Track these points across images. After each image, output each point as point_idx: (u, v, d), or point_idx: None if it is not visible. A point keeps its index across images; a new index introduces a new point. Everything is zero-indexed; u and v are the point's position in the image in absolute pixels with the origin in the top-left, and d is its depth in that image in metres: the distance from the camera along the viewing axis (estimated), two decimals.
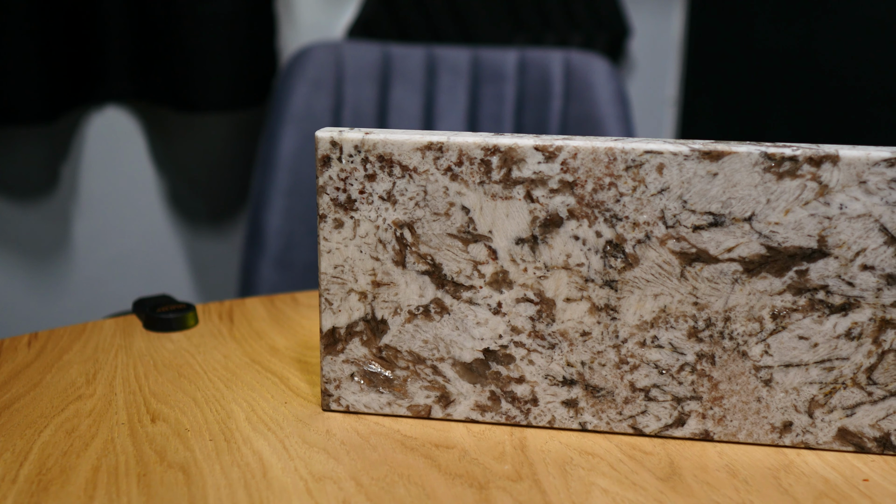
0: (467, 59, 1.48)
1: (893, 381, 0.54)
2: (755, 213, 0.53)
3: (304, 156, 1.39)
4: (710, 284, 0.54)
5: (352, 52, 1.44)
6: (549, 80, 1.45)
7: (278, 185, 1.38)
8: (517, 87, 1.47)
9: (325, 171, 0.56)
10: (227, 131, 1.55)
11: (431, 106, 1.46)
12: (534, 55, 1.47)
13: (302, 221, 1.39)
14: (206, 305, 0.79)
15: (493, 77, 1.47)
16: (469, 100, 1.47)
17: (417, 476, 0.52)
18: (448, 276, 0.56)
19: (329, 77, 1.42)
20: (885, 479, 0.52)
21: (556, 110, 1.44)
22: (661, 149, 0.53)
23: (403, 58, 1.46)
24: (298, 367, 0.67)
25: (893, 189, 0.52)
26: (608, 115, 1.42)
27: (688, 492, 0.51)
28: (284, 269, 1.37)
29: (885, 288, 0.53)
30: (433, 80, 1.47)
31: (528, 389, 0.57)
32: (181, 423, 0.58)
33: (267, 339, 0.72)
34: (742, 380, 0.55)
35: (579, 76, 1.44)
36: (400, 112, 1.45)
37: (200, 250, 1.57)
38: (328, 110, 1.41)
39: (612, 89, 1.43)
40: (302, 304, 0.80)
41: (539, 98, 1.45)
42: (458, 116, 1.46)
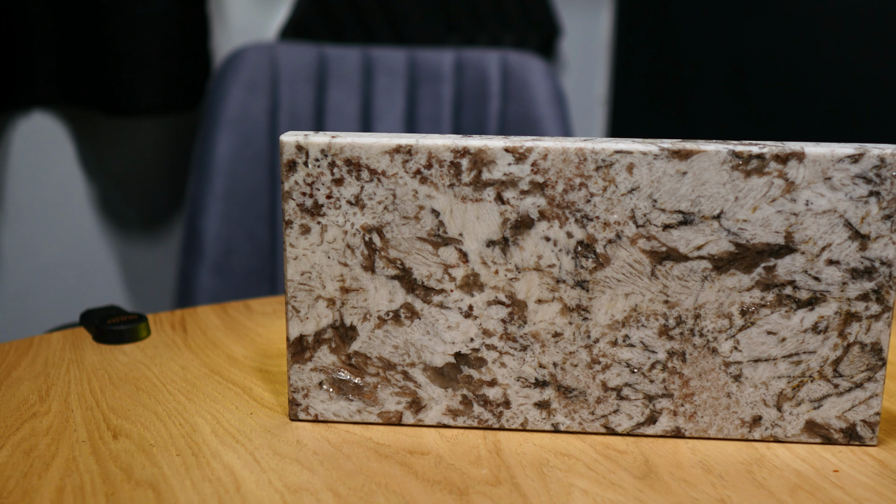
0: (404, 59, 1.47)
1: (859, 373, 0.55)
2: (724, 211, 0.53)
3: (240, 159, 1.36)
4: (680, 282, 0.55)
5: (286, 53, 1.42)
6: (487, 80, 1.45)
7: (215, 190, 1.35)
8: (455, 87, 1.47)
9: (290, 176, 0.55)
10: (159, 136, 1.51)
11: (369, 107, 1.45)
12: (470, 55, 1.47)
13: (240, 226, 1.36)
14: (156, 315, 0.77)
15: (431, 78, 1.46)
16: (407, 101, 1.46)
17: (395, 484, 0.51)
18: (418, 280, 0.56)
19: (264, 79, 1.40)
20: (854, 470, 0.53)
21: (495, 110, 1.44)
22: (630, 148, 0.53)
23: (339, 59, 1.45)
24: (260, 377, 0.65)
25: (857, 185, 0.53)
26: (546, 115, 1.43)
27: (666, 489, 0.51)
28: (224, 275, 1.35)
29: (850, 282, 0.54)
30: (370, 81, 1.45)
31: (501, 392, 0.57)
32: (145, 438, 0.56)
33: (224, 349, 0.70)
34: (712, 376, 0.56)
35: (516, 76, 1.44)
36: (337, 114, 1.44)
37: (133, 259, 1.53)
38: (264, 113, 1.39)
39: (550, 89, 1.44)
40: (256, 312, 0.78)
41: (477, 98, 1.45)
42: (396, 117, 1.45)
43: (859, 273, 0.54)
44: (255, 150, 1.38)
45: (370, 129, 1.44)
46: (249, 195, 1.37)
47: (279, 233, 1.40)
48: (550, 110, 1.43)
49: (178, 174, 1.55)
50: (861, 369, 0.55)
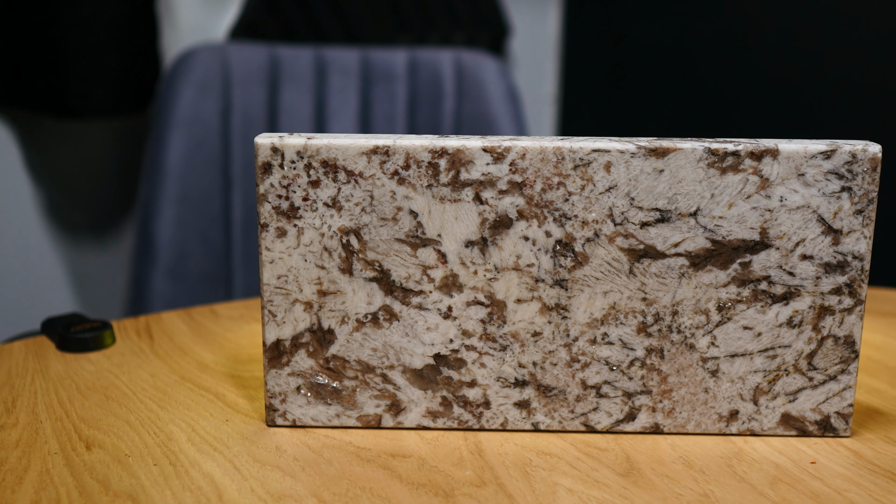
0: (357, 59, 1.46)
1: (832, 366, 0.56)
2: (700, 208, 0.54)
3: (193, 162, 1.34)
4: (657, 280, 0.55)
5: (238, 54, 1.40)
6: (441, 79, 1.45)
7: (167, 193, 1.33)
8: (408, 87, 1.46)
9: (265, 179, 0.54)
10: (109, 138, 1.48)
11: (323, 108, 1.44)
12: (423, 55, 1.46)
13: (194, 230, 1.34)
14: (120, 322, 0.75)
15: (384, 77, 1.46)
16: (360, 101, 1.45)
17: (380, 488, 0.51)
18: (397, 281, 0.55)
19: (215, 80, 1.38)
20: (830, 461, 0.54)
21: (449, 109, 1.44)
22: (608, 147, 0.53)
23: (291, 59, 1.44)
24: (233, 383, 0.64)
25: (829, 180, 0.53)
26: (501, 114, 1.43)
27: (650, 486, 0.51)
28: (178, 280, 1.32)
29: (823, 276, 0.55)
30: (323, 81, 1.44)
31: (480, 393, 0.57)
32: (119, 448, 0.54)
33: (193, 355, 0.69)
34: (690, 372, 0.56)
35: (470, 75, 1.45)
36: (291, 115, 1.42)
37: (83, 264, 1.50)
38: (216, 114, 1.37)
39: (504, 88, 1.44)
40: (223, 317, 0.77)
41: (431, 98, 1.45)
42: (350, 118, 1.44)
43: (832, 267, 0.55)
44: (208, 152, 1.36)
45: (324, 129, 1.43)
46: (203, 198, 1.36)
47: (234, 236, 1.38)
48: (505, 109, 1.43)
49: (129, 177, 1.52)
50: (835, 362, 0.56)
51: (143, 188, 1.33)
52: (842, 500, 0.50)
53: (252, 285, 1.39)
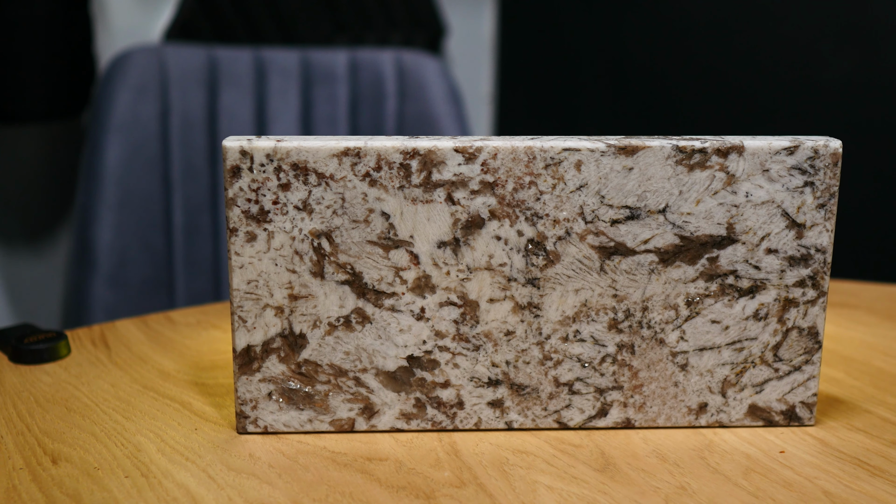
0: (296, 60, 1.45)
1: (797, 357, 0.57)
2: (669, 205, 0.55)
3: (131, 166, 1.32)
4: (628, 276, 0.56)
5: (175, 55, 1.38)
6: (382, 80, 1.44)
7: (106, 199, 1.30)
8: (350, 87, 1.45)
9: (234, 183, 0.53)
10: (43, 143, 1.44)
11: (263, 110, 1.42)
12: (364, 55, 1.46)
13: (134, 236, 1.32)
14: (73, 332, 0.73)
15: (325, 78, 1.45)
16: (302, 102, 1.44)
17: (360, 493, 0.50)
18: (369, 284, 0.55)
19: (153, 82, 1.35)
20: (798, 450, 0.55)
21: (392, 110, 1.44)
22: (578, 146, 0.54)
23: (230, 61, 1.42)
24: (197, 391, 0.63)
25: (793, 176, 0.55)
26: (444, 114, 1.43)
27: (627, 480, 0.52)
28: (119, 287, 1.30)
29: (788, 269, 0.56)
30: (263, 83, 1.43)
31: (454, 393, 0.57)
32: (87, 462, 0.53)
33: (153, 364, 0.67)
34: (660, 366, 0.57)
35: (412, 76, 1.44)
36: (231, 117, 1.40)
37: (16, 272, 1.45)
38: (154, 117, 1.34)
39: (446, 88, 1.44)
40: (180, 324, 0.76)
41: (373, 98, 1.44)
42: (292, 119, 1.43)
43: (796, 260, 0.56)
44: (147, 156, 1.34)
45: (265, 131, 1.42)
46: (142, 203, 1.33)
47: (175, 241, 1.36)
48: (447, 109, 1.44)
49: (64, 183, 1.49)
50: (799, 353, 0.57)
51: (80, 194, 1.30)
52: (813, 487, 0.51)
53: (195, 291, 1.37)
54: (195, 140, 1.38)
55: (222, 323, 0.76)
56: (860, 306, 0.82)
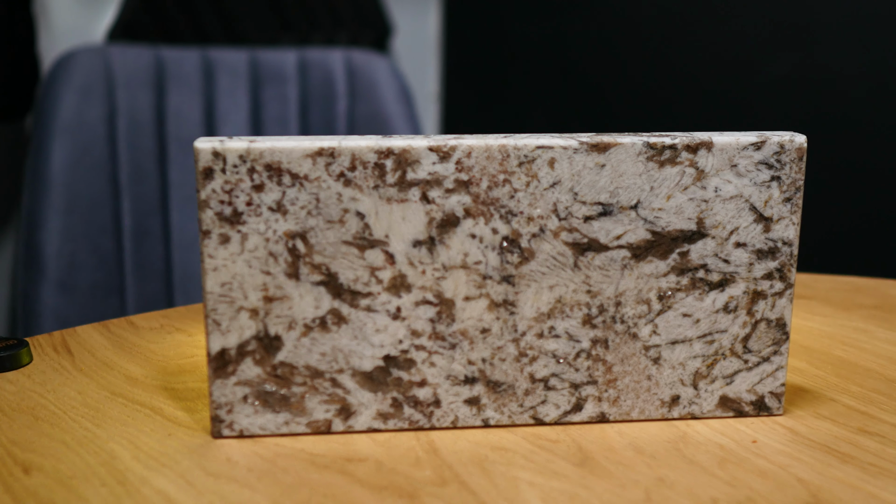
0: (245, 61, 1.43)
1: (766, 348, 0.58)
2: (640, 201, 0.55)
3: (78, 169, 1.29)
4: (601, 272, 0.56)
5: (121, 56, 1.35)
6: (333, 79, 1.44)
7: (53, 203, 1.27)
8: (300, 87, 1.44)
9: (207, 185, 0.53)
10: None
11: (212, 110, 1.41)
12: (314, 55, 1.45)
13: (83, 240, 1.29)
14: (33, 339, 0.72)
15: (274, 79, 1.44)
16: (251, 103, 1.43)
17: (342, 494, 0.50)
18: (344, 284, 0.55)
19: (99, 84, 1.33)
20: (770, 439, 0.57)
21: (343, 110, 1.43)
22: (551, 143, 0.54)
23: (177, 61, 1.40)
24: (168, 395, 0.62)
25: (760, 170, 0.56)
26: (395, 114, 1.43)
27: (606, 474, 0.52)
28: (68, 292, 1.27)
29: (756, 262, 0.57)
30: (211, 83, 1.41)
31: (431, 392, 0.57)
32: (60, 471, 0.52)
33: (119, 370, 0.66)
34: (633, 360, 0.58)
35: (362, 75, 1.44)
36: (179, 118, 1.38)
37: None
38: (101, 119, 1.32)
39: (397, 87, 1.44)
40: (142, 328, 0.74)
41: (324, 98, 1.44)
42: (242, 120, 1.42)
43: (764, 253, 0.57)
44: (94, 158, 1.31)
45: (215, 132, 1.40)
46: (91, 207, 1.30)
47: (125, 245, 1.33)
48: (399, 108, 1.43)
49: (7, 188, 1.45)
50: (767, 344, 0.58)
51: (26, 199, 1.27)
52: (787, 475, 0.52)
53: (146, 295, 1.35)
54: (143, 142, 1.36)
55: (186, 326, 0.75)
56: (815, 297, 0.84)
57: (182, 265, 1.38)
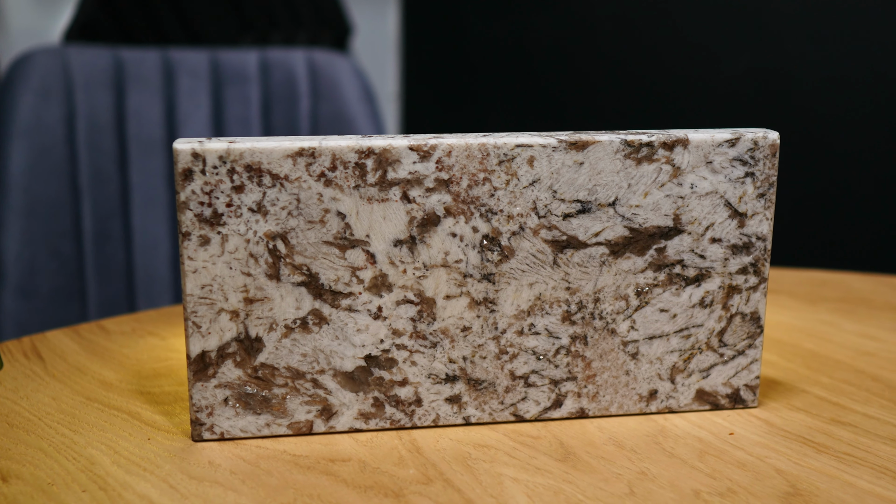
0: (206, 61, 1.42)
1: (740, 341, 0.59)
2: (618, 198, 0.56)
3: (37, 172, 1.27)
4: (580, 269, 0.57)
5: (79, 57, 1.34)
6: (295, 80, 1.43)
7: (12, 207, 1.25)
8: (262, 88, 1.43)
9: (186, 186, 0.52)
10: None
11: (173, 111, 1.39)
12: (275, 55, 1.44)
13: (43, 244, 1.27)
14: (3, 345, 0.71)
15: (236, 79, 1.43)
16: (213, 103, 1.42)
17: (328, 495, 0.50)
18: (325, 284, 0.55)
19: (57, 85, 1.31)
20: (746, 431, 0.58)
21: (306, 110, 1.43)
22: (531, 142, 0.54)
23: (137, 62, 1.38)
24: (144, 400, 0.61)
25: (734, 167, 0.57)
26: (358, 113, 1.42)
27: (589, 469, 0.53)
28: (28, 297, 1.25)
29: (731, 257, 0.58)
30: (172, 84, 1.40)
31: (412, 391, 0.57)
32: (39, 478, 0.51)
33: (93, 374, 0.66)
34: (612, 356, 0.58)
35: (325, 75, 1.43)
36: (139, 119, 1.37)
37: None
38: (60, 121, 1.30)
39: (360, 87, 1.44)
40: (114, 333, 0.74)
41: (286, 98, 1.43)
42: (203, 121, 1.40)
43: (738, 248, 0.58)
44: (53, 161, 1.29)
45: (176, 133, 1.39)
46: (50, 210, 1.28)
47: (86, 249, 1.32)
48: (362, 108, 1.43)
49: None
50: (742, 337, 0.59)
51: None
52: (765, 466, 0.53)
53: (108, 299, 1.33)
54: (103, 144, 1.34)
55: (158, 330, 0.74)
56: (782, 291, 0.86)
57: (144, 268, 1.36)
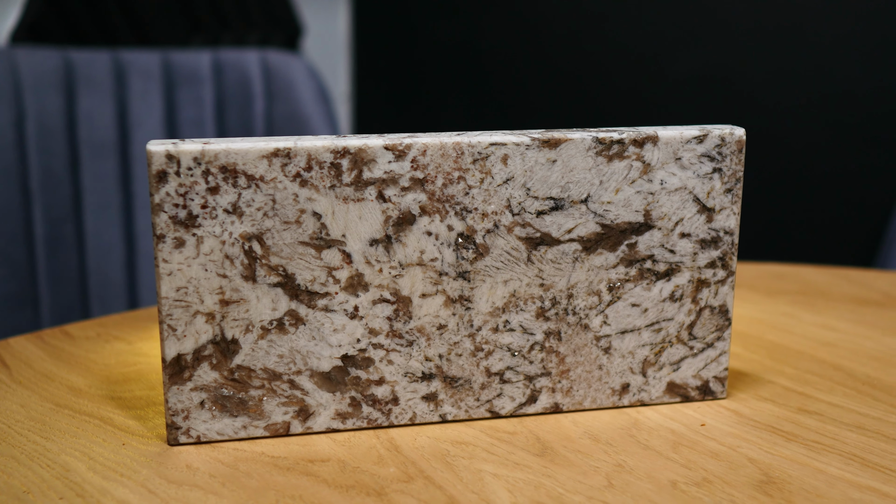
0: (158, 62, 1.41)
1: (710, 334, 0.61)
2: (590, 195, 0.57)
3: None
4: (553, 265, 0.57)
5: (26, 59, 1.31)
6: (249, 81, 1.42)
7: None
8: (215, 89, 1.42)
9: (161, 188, 0.52)
10: None
11: (125, 113, 1.38)
12: (228, 56, 1.43)
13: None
14: None
15: (189, 80, 1.41)
16: (165, 105, 1.40)
17: (310, 495, 0.50)
18: (302, 285, 0.54)
19: (5, 87, 1.28)
20: (718, 421, 0.59)
21: (260, 111, 1.42)
22: (504, 140, 0.55)
23: (87, 63, 1.36)
24: (116, 405, 0.61)
25: (703, 163, 0.58)
26: (314, 114, 1.42)
27: (567, 462, 0.54)
28: None
29: (700, 252, 0.59)
30: (124, 86, 1.38)
31: (389, 390, 0.57)
32: (13, 486, 0.50)
33: (61, 381, 0.65)
34: (585, 351, 0.59)
35: (279, 76, 1.43)
36: (91, 122, 1.35)
37: None
38: (9, 124, 1.28)
39: (314, 88, 1.43)
40: (79, 338, 0.73)
41: (240, 99, 1.42)
42: (156, 122, 1.39)
43: (707, 243, 0.59)
44: (3, 165, 1.27)
45: (129, 135, 1.37)
46: (0, 215, 1.26)
47: (37, 254, 1.29)
48: (317, 109, 1.43)
49: None
50: (711, 330, 0.60)
51: None
52: (738, 455, 0.54)
53: (62, 306, 1.31)
54: (54, 147, 1.32)
55: (124, 334, 0.74)
56: (742, 284, 0.87)
57: (98, 273, 1.34)
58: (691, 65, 1.62)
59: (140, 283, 1.37)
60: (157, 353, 0.70)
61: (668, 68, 1.63)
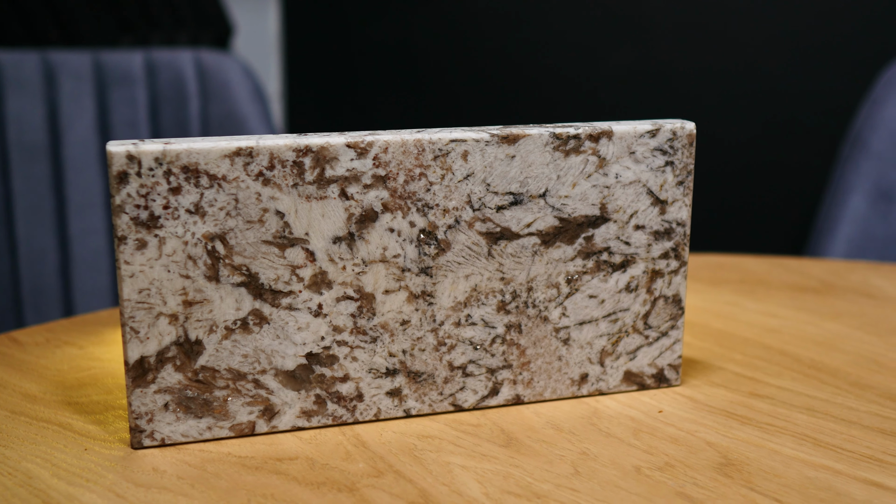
0: (88, 63, 1.38)
1: (664, 323, 0.62)
2: (548, 189, 0.58)
3: None
4: (513, 259, 0.58)
5: None
6: (183, 81, 1.40)
7: None
8: (149, 90, 1.40)
9: (121, 189, 0.51)
10: None
11: (56, 115, 1.35)
12: (161, 56, 1.41)
13: None
14: None
15: (121, 81, 1.39)
16: (97, 106, 1.38)
17: (281, 494, 0.50)
18: (265, 284, 0.54)
19: None
20: (674, 408, 0.60)
21: (195, 111, 1.40)
22: (464, 136, 0.56)
23: (14, 65, 1.33)
24: (73, 410, 0.60)
25: (655, 156, 0.59)
26: (250, 114, 1.41)
27: (533, 452, 0.55)
28: None
29: (654, 243, 0.61)
30: (53, 87, 1.35)
31: (353, 386, 0.57)
32: None
33: (13, 388, 0.63)
34: (545, 343, 0.60)
35: (214, 76, 1.41)
36: (20, 124, 1.32)
37: None
38: None
39: (250, 88, 1.42)
40: (27, 344, 0.71)
41: (175, 100, 1.40)
42: (89, 124, 1.36)
43: (660, 234, 0.61)
44: None
45: (60, 138, 1.34)
46: None
47: None
48: (254, 108, 1.42)
49: None
50: (665, 319, 0.62)
51: None
52: (696, 440, 0.56)
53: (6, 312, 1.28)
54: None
55: (74, 339, 0.72)
56: None
57: (31, 279, 1.31)
58: (626, 60, 1.65)
59: (75, 289, 1.34)
60: (110, 357, 0.69)
61: (599, 65, 1.66)
